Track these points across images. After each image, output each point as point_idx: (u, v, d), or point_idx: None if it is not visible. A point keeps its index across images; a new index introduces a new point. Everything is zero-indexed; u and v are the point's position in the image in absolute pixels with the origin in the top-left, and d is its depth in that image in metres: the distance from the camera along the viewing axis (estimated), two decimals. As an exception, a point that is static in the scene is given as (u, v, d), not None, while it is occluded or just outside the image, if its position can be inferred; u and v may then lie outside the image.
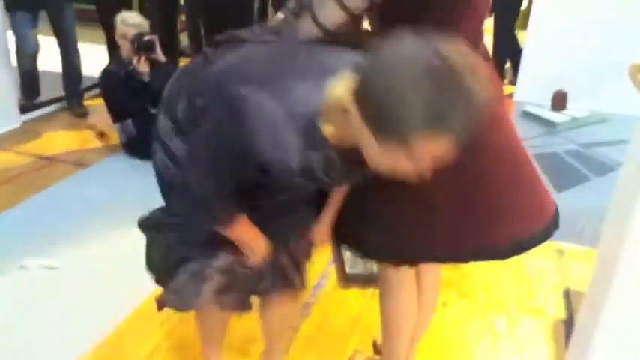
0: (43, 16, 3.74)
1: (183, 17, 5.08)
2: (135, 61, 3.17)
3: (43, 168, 3.20)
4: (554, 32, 4.49)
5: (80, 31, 3.97)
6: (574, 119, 4.28)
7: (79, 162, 3.28)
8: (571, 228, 2.65)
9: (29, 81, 3.87)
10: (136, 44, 3.16)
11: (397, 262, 1.54)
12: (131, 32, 3.17)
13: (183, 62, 4.87)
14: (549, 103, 4.53)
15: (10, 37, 3.67)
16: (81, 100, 4.02)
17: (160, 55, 3.23)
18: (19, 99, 3.82)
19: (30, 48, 3.69)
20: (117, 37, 3.27)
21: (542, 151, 3.66)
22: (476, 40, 1.44)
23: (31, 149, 3.42)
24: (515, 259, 1.47)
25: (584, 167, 3.48)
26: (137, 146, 3.17)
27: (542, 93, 4.56)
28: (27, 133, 3.65)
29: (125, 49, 3.23)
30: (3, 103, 3.58)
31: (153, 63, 3.21)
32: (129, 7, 3.98)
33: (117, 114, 3.32)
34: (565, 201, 2.37)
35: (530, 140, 3.75)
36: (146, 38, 3.17)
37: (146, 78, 3.18)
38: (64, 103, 4.03)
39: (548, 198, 1.57)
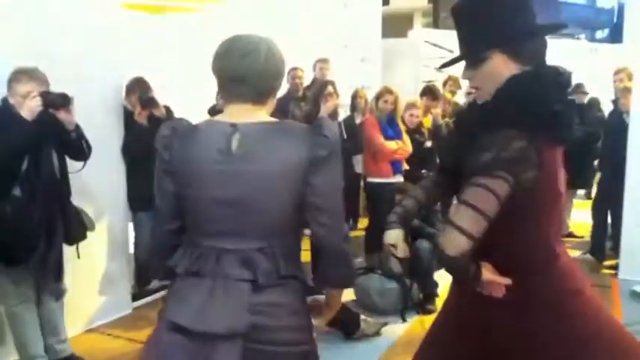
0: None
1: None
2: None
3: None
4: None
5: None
6: (689, 299, 4.00)
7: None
8: None
9: (143, 271, 4.22)
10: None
11: None
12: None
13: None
14: (659, 281, 4.31)
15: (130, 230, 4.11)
16: (187, 286, 4.28)
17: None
18: (132, 287, 4.14)
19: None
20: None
21: (657, 336, 3.40)
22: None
23: (139, 336, 3.61)
24: None
25: None
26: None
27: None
28: (136, 319, 3.89)
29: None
30: (118, 292, 3.89)
31: None
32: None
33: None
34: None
35: (641, 324, 3.51)
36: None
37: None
38: (171, 290, 4.30)
39: None
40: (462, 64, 1.65)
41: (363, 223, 5.85)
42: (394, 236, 1.74)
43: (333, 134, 1.51)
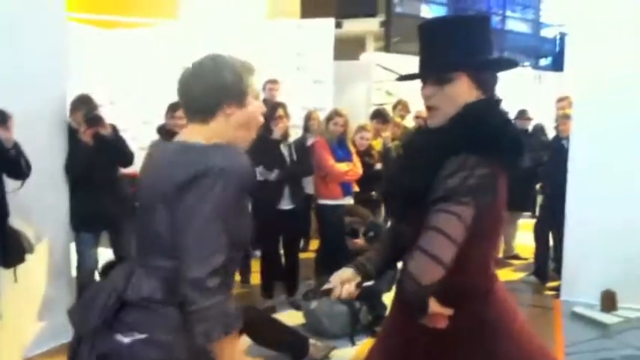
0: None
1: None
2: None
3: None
4: (594, 228, 4.55)
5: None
6: (627, 320, 4.14)
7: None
8: None
9: (85, 295, 4.07)
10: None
11: None
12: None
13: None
14: (599, 302, 4.43)
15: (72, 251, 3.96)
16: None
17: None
18: (74, 311, 3.98)
19: (90, 265, 3.95)
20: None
21: (596, 356, 3.50)
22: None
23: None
24: None
25: (644, 375, 3.29)
26: None
27: (589, 292, 4.48)
28: (77, 345, 3.74)
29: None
30: (58, 318, 3.70)
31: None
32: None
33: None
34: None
35: (581, 344, 3.62)
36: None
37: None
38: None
39: None
40: (414, 84, 1.65)
41: (314, 244, 5.84)
42: (337, 275, 1.66)
43: (211, 159, 1.41)
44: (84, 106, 3.92)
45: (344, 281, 1.62)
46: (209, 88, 1.53)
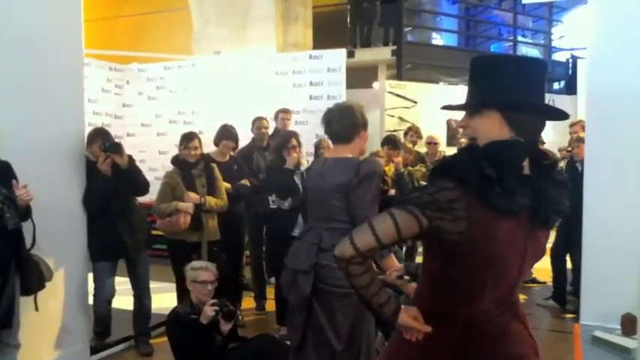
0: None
1: (247, 252, 5.49)
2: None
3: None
4: (612, 250, 4.48)
5: (154, 267, 4.32)
6: (649, 344, 4.04)
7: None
8: None
9: (102, 323, 4.10)
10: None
11: None
12: (200, 276, 3.44)
13: (246, 297, 5.09)
14: (619, 326, 4.35)
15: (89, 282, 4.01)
16: (148, 338, 4.18)
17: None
18: (91, 340, 4.01)
19: (107, 294, 3.99)
20: (187, 284, 3.52)
21: (618, 381, 3.43)
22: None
23: (95, 392, 3.49)
24: None
25: (668, 399, 3.21)
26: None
27: (609, 315, 4.40)
28: (93, 374, 3.76)
29: (195, 294, 3.45)
30: (76, 345, 3.76)
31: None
32: (199, 255, 4.31)
33: (179, 357, 3.39)
34: None
35: (603, 369, 3.56)
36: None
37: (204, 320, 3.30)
38: (131, 342, 4.20)
39: None
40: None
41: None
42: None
43: (365, 168, 2.64)
44: (100, 137, 3.99)
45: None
46: (350, 124, 2.74)
